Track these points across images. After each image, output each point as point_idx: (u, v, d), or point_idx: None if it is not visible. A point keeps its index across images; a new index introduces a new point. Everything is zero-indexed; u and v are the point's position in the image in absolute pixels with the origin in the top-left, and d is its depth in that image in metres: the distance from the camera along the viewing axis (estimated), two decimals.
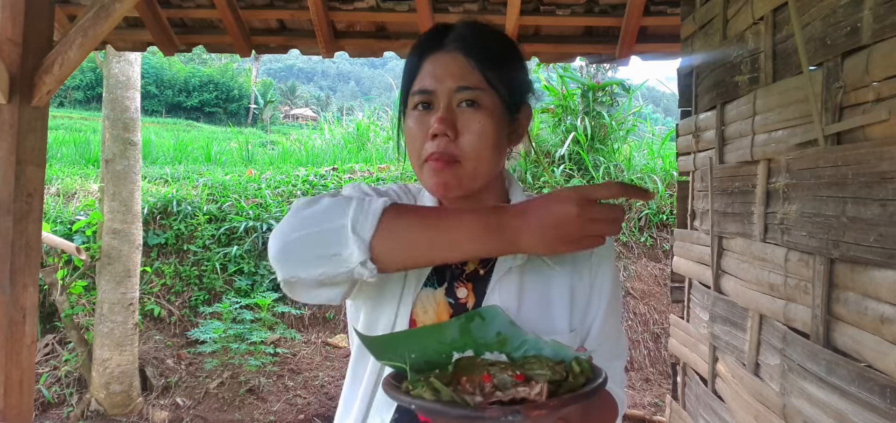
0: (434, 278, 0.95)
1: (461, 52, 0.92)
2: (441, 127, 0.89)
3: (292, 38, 3.24)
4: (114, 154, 4.60)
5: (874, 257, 1.37)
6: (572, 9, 2.95)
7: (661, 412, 4.56)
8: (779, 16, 1.87)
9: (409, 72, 0.96)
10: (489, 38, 0.96)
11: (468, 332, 0.83)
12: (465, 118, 0.90)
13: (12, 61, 2.06)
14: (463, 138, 0.90)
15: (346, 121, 17.12)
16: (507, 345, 0.82)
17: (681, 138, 2.75)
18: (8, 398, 2.08)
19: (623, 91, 7.71)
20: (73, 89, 28.99)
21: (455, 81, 0.91)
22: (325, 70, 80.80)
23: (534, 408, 0.62)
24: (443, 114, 0.89)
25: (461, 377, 0.75)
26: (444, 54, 0.93)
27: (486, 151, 0.91)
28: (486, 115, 0.90)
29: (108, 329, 4.54)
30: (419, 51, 0.95)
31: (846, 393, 1.47)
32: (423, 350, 0.80)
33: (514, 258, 0.94)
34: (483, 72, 0.91)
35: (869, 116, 1.40)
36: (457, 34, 0.94)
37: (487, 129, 0.90)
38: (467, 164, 0.90)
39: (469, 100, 0.90)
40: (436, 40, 0.94)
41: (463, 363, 0.78)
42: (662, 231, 6.20)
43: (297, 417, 4.68)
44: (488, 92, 0.91)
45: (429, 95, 0.92)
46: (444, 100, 0.90)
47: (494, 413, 0.61)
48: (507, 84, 0.94)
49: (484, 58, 0.92)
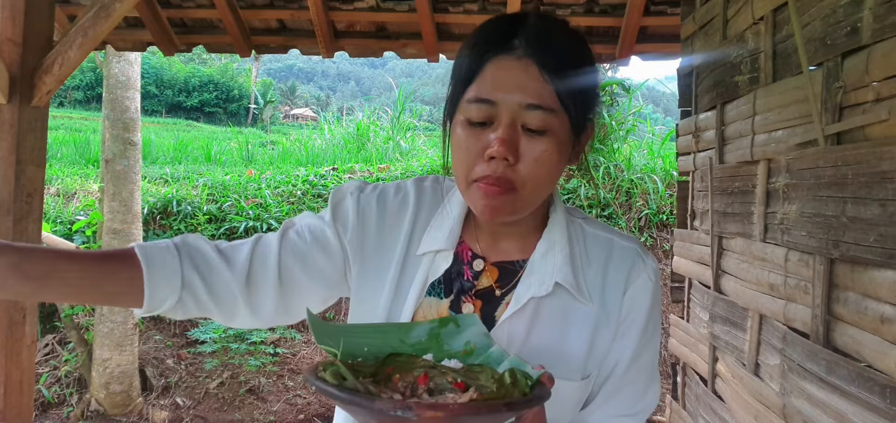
0: (441, 287, 0.88)
1: (535, 60, 0.76)
2: (502, 150, 0.75)
3: (292, 38, 3.24)
4: (114, 154, 4.60)
5: (874, 257, 1.37)
6: (572, 9, 2.95)
7: (661, 412, 4.56)
8: (779, 16, 1.87)
9: (465, 71, 0.80)
10: (566, 41, 0.81)
11: (437, 337, 0.78)
12: (529, 142, 0.77)
13: (12, 61, 2.06)
14: (523, 165, 0.77)
15: (346, 121, 17.11)
16: (472, 356, 0.77)
17: (681, 138, 2.75)
18: (8, 398, 2.08)
19: (623, 91, 7.71)
20: (73, 89, 29.00)
21: (524, 95, 0.76)
22: (325, 70, 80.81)
23: (427, 408, 0.58)
24: (504, 135, 0.76)
25: (394, 374, 0.72)
26: (512, 60, 0.77)
27: (545, 181, 0.80)
28: (553, 142, 0.78)
29: (108, 329, 4.54)
30: (481, 48, 0.79)
31: (846, 393, 1.47)
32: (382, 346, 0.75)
33: (540, 286, 0.84)
34: (557, 88, 0.76)
35: (869, 116, 1.40)
36: (530, 34, 0.78)
37: (552, 157, 0.78)
38: (523, 191, 0.79)
39: (538, 127, 0.77)
40: (503, 38, 0.78)
41: (400, 360, 0.74)
42: (662, 231, 6.20)
43: (297, 417, 4.69)
44: (559, 114, 0.77)
45: (490, 107, 0.77)
46: (509, 117, 0.76)
47: (383, 405, 0.59)
48: (579, 103, 0.80)
49: (560, 69, 0.77)
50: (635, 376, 0.88)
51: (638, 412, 0.89)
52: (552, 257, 0.86)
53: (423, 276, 0.88)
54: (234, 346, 5.02)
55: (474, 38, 0.81)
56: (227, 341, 5.03)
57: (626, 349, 0.86)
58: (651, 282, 0.88)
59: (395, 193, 0.95)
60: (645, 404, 0.89)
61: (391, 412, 0.58)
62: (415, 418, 0.57)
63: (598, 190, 6.52)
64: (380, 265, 0.90)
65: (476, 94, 0.78)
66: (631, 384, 0.88)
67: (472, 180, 0.79)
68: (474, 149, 0.78)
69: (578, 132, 0.83)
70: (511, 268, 0.88)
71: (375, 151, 9.93)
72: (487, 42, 0.79)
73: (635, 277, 0.87)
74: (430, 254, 0.89)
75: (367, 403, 0.59)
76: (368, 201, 0.93)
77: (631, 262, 0.88)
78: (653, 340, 0.89)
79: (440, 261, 0.88)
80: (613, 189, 6.59)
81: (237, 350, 5.03)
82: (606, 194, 6.49)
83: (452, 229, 0.89)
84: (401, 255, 0.90)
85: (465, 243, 0.90)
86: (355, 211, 0.91)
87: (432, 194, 0.94)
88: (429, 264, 0.88)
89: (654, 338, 0.89)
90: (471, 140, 0.78)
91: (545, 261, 0.86)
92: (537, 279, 0.85)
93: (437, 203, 0.93)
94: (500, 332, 0.84)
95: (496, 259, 0.89)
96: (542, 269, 0.86)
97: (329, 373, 0.65)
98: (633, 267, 0.88)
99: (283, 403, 4.82)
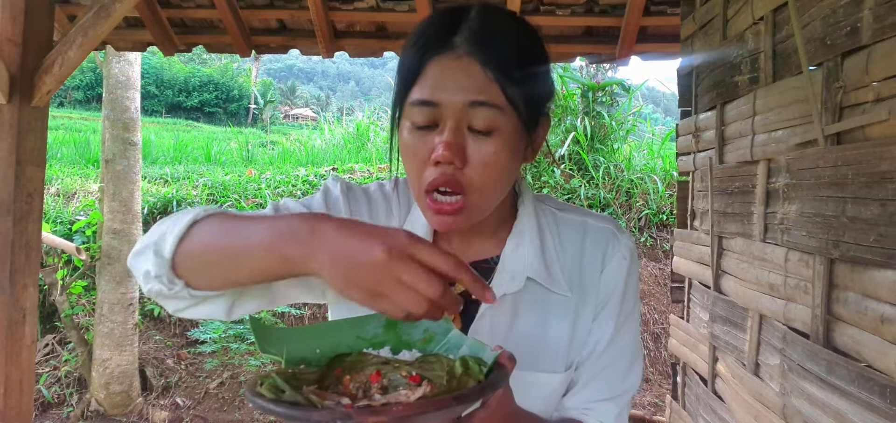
0: None
1: (476, 57, 0.73)
2: (448, 154, 0.72)
3: (292, 38, 3.24)
4: (114, 154, 4.60)
5: (874, 257, 1.37)
6: (572, 9, 2.95)
7: (661, 412, 4.56)
8: (779, 16, 1.87)
9: (407, 71, 0.77)
10: (511, 35, 0.77)
11: (393, 327, 0.73)
12: (476, 144, 0.74)
13: (12, 61, 2.06)
14: (471, 169, 0.74)
15: (345, 121, 17.13)
16: (432, 343, 0.72)
17: (681, 138, 2.75)
18: (8, 399, 2.08)
19: (623, 91, 7.71)
20: (73, 89, 29.00)
21: (467, 95, 0.73)
22: (325, 70, 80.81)
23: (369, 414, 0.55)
24: (449, 138, 0.73)
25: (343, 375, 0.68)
26: (453, 59, 0.74)
27: (497, 182, 0.77)
28: (502, 142, 0.74)
29: (108, 329, 4.54)
30: (420, 49, 0.76)
31: (846, 393, 1.47)
32: (336, 344, 0.71)
33: (511, 282, 0.83)
34: (503, 85, 0.73)
35: (869, 116, 1.40)
36: (470, 30, 0.74)
37: (502, 158, 0.75)
38: (473, 195, 0.75)
39: (484, 128, 0.73)
40: (443, 36, 0.75)
41: (350, 360, 0.70)
42: (662, 231, 6.20)
43: None
44: (506, 112, 0.74)
45: (433, 109, 0.74)
46: (453, 119, 0.73)
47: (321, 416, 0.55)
48: (528, 98, 0.76)
49: (505, 66, 0.74)
50: (615, 357, 0.86)
51: (619, 394, 0.87)
52: (522, 252, 0.85)
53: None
54: (234, 346, 5.03)
55: (415, 36, 0.78)
56: (227, 341, 5.03)
57: (606, 329, 0.85)
58: (626, 260, 0.86)
59: (380, 194, 0.92)
60: (626, 386, 0.87)
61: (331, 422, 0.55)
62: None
63: (599, 189, 6.52)
64: None
65: (418, 96, 0.74)
66: (611, 366, 0.86)
67: (424, 190, 0.76)
68: (421, 153, 0.75)
69: (531, 128, 0.79)
70: (486, 266, 0.87)
71: (375, 151, 9.94)
72: (427, 41, 0.75)
73: (611, 256, 0.86)
74: None
75: (305, 415, 0.56)
76: (357, 199, 0.90)
77: (606, 242, 0.87)
78: (631, 318, 0.88)
79: None
80: (613, 189, 6.59)
81: (237, 350, 5.03)
82: (606, 194, 6.49)
83: (424, 235, 0.85)
84: None
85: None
86: (347, 210, 0.88)
87: (405, 198, 0.91)
88: None
89: (632, 316, 0.88)
90: (417, 144, 0.75)
91: (515, 256, 0.85)
92: (508, 276, 0.84)
93: (408, 207, 0.90)
94: (480, 329, 0.82)
95: (470, 260, 0.87)
96: (512, 265, 0.85)
97: (266, 386, 0.61)
98: (607, 247, 0.87)
99: None
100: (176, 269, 0.73)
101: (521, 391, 0.75)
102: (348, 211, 0.88)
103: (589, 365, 0.86)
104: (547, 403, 0.84)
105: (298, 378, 0.66)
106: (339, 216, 0.67)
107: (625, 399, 0.87)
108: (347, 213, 0.88)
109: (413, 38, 0.78)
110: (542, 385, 0.84)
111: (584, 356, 0.86)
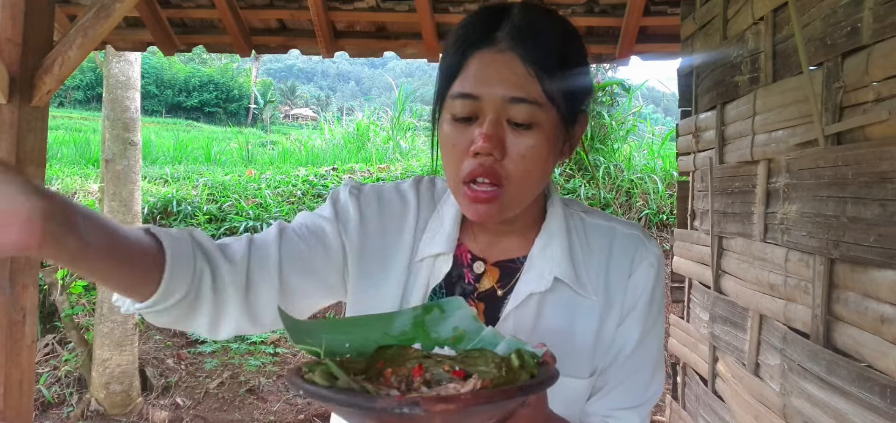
0: (444, 292, 0.86)
1: (518, 53, 0.74)
2: (487, 146, 0.73)
3: (292, 38, 3.24)
4: (114, 154, 4.60)
5: (874, 257, 1.37)
6: (572, 9, 2.95)
7: (662, 412, 4.56)
8: (779, 16, 1.87)
9: (449, 66, 0.78)
10: (552, 32, 0.77)
11: (422, 324, 0.73)
12: (515, 137, 0.75)
13: (12, 61, 2.06)
14: (510, 161, 0.75)
15: (346, 121, 17.12)
16: (462, 341, 0.71)
17: (681, 138, 2.75)
18: (8, 398, 2.07)
19: (623, 91, 7.72)
20: (73, 89, 29.00)
21: (508, 89, 0.74)
22: (325, 70, 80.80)
23: (437, 402, 0.52)
24: (489, 130, 0.74)
25: (385, 368, 0.65)
26: (494, 53, 0.75)
27: (534, 175, 0.78)
28: (541, 136, 0.75)
29: (108, 329, 4.54)
30: (462, 44, 0.77)
31: (846, 393, 1.47)
32: (364, 340, 0.70)
33: (539, 281, 0.83)
34: (543, 81, 0.74)
35: (869, 116, 1.40)
36: (512, 27, 0.76)
37: (541, 152, 0.76)
38: (511, 188, 0.77)
39: (524, 121, 0.74)
40: (485, 32, 0.76)
41: (390, 353, 0.68)
42: (662, 231, 6.20)
43: (296, 417, 4.68)
44: (546, 107, 0.75)
45: (474, 102, 0.75)
46: (493, 112, 0.74)
47: (386, 403, 0.53)
48: (567, 95, 0.77)
49: (545, 62, 0.74)
50: (639, 364, 0.86)
51: (641, 403, 0.86)
52: (551, 252, 0.85)
53: (424, 282, 0.86)
54: (235, 346, 5.03)
55: (457, 32, 0.79)
56: (227, 341, 5.03)
57: (631, 336, 0.85)
58: (654, 268, 0.86)
59: (395, 194, 0.92)
60: (649, 395, 0.87)
61: (396, 410, 0.52)
62: (423, 414, 0.52)
63: (599, 189, 6.51)
64: (382, 269, 0.87)
65: (459, 89, 0.76)
66: (635, 374, 0.86)
67: (462, 180, 0.77)
68: (461, 145, 0.77)
69: (569, 125, 0.80)
70: (512, 266, 0.87)
71: (375, 151, 9.94)
72: (470, 36, 0.77)
73: (639, 263, 0.86)
74: (429, 259, 0.86)
75: (367, 403, 0.53)
76: (368, 201, 0.90)
77: (633, 248, 0.87)
78: (656, 326, 0.87)
79: (441, 265, 0.86)
80: (613, 189, 6.59)
81: (237, 350, 5.03)
82: (606, 194, 6.49)
83: (450, 232, 0.86)
84: (406, 261, 0.87)
85: (463, 244, 0.88)
86: (357, 209, 0.88)
87: (429, 197, 0.91)
88: (429, 270, 0.86)
89: (657, 325, 0.87)
90: (457, 136, 0.77)
91: (544, 256, 0.85)
92: (536, 275, 0.84)
93: (432, 206, 0.90)
94: (504, 330, 0.80)
95: (496, 259, 0.87)
96: (540, 264, 0.84)
97: (318, 374, 0.59)
98: (636, 253, 0.86)
99: (283, 403, 4.82)
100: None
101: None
102: (358, 210, 0.88)
103: (613, 372, 0.85)
104: (570, 409, 0.83)
105: (345, 368, 0.63)
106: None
107: (646, 409, 0.87)
108: (357, 212, 0.88)
109: (456, 34, 0.79)
110: (566, 390, 0.82)
111: (607, 362, 0.85)
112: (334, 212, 0.88)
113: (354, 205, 0.89)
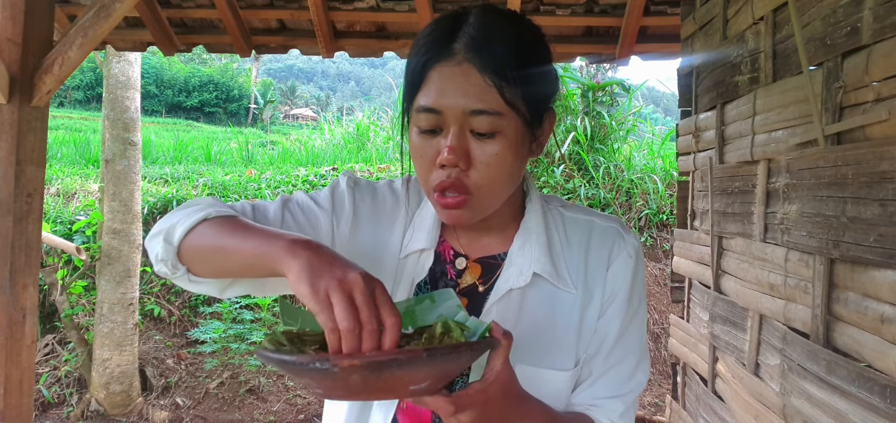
0: (428, 287, 0.88)
1: (475, 64, 0.75)
2: (452, 158, 0.75)
3: (292, 38, 3.24)
4: (114, 154, 4.60)
5: (874, 257, 1.37)
6: (572, 9, 2.95)
7: (661, 412, 4.56)
8: (779, 16, 1.87)
9: (411, 77, 0.79)
10: (509, 38, 0.78)
11: (412, 314, 0.78)
12: (479, 146, 0.77)
13: (12, 61, 2.06)
14: (476, 170, 0.77)
15: (346, 121, 17.12)
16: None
17: (681, 138, 2.75)
18: (8, 398, 2.08)
19: (623, 91, 7.71)
20: (73, 89, 29.01)
21: (468, 101, 0.75)
22: (325, 70, 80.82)
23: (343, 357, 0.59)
24: (453, 142, 0.76)
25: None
26: (452, 66, 0.76)
27: (501, 181, 0.79)
28: (505, 143, 0.77)
29: (108, 329, 4.54)
30: (423, 56, 0.78)
31: (846, 393, 1.47)
32: None
33: (518, 277, 0.85)
34: (502, 90, 0.75)
35: (869, 116, 1.40)
36: (469, 37, 0.76)
37: (505, 158, 0.77)
38: (479, 194, 0.79)
39: (486, 131, 0.76)
40: (443, 44, 0.77)
41: None
42: (662, 231, 6.20)
43: (296, 417, 4.68)
44: (508, 115, 0.76)
45: (437, 116, 0.76)
46: (456, 125, 0.76)
47: (303, 359, 0.61)
48: (529, 98, 0.78)
49: (503, 71, 0.75)
50: (623, 354, 0.88)
51: (626, 393, 0.88)
52: (529, 248, 0.87)
53: (410, 277, 0.89)
54: (234, 346, 5.02)
55: (418, 42, 0.80)
56: (227, 341, 5.03)
57: (612, 327, 0.87)
58: (632, 259, 0.88)
59: (388, 191, 0.95)
60: (633, 384, 0.89)
61: (311, 365, 0.60)
62: (334, 369, 0.59)
63: (599, 189, 6.52)
64: (371, 264, 0.88)
65: (423, 103, 0.77)
66: (619, 364, 0.88)
67: (432, 189, 0.80)
68: (428, 155, 0.79)
69: (534, 126, 0.81)
70: (493, 262, 0.89)
71: (375, 151, 9.93)
72: (429, 49, 0.78)
73: (617, 255, 0.88)
74: (414, 254, 0.89)
75: (290, 358, 0.62)
76: (363, 196, 0.93)
77: (611, 241, 0.89)
78: (637, 316, 0.89)
79: (424, 261, 0.89)
80: (613, 189, 6.59)
81: (237, 350, 5.03)
82: (606, 194, 6.49)
83: (431, 229, 0.90)
84: (395, 256, 0.90)
85: (446, 241, 0.91)
86: (352, 203, 0.92)
87: (416, 194, 0.94)
88: (414, 265, 0.89)
89: (638, 314, 0.89)
90: (424, 147, 0.79)
91: (522, 252, 0.87)
92: (515, 271, 0.86)
93: (419, 203, 0.93)
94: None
95: (478, 256, 0.90)
96: (519, 261, 0.87)
97: (267, 339, 0.68)
98: (614, 245, 0.88)
99: (283, 403, 4.82)
100: (180, 256, 0.82)
101: (529, 387, 0.78)
102: (353, 203, 0.92)
103: (596, 362, 0.87)
104: (555, 401, 0.85)
105: (302, 339, 0.71)
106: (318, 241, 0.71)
107: (631, 398, 0.89)
108: (352, 205, 0.92)
109: (417, 45, 0.80)
110: (549, 382, 0.85)
111: (591, 353, 0.87)
112: (331, 202, 0.92)
113: (350, 198, 0.92)
